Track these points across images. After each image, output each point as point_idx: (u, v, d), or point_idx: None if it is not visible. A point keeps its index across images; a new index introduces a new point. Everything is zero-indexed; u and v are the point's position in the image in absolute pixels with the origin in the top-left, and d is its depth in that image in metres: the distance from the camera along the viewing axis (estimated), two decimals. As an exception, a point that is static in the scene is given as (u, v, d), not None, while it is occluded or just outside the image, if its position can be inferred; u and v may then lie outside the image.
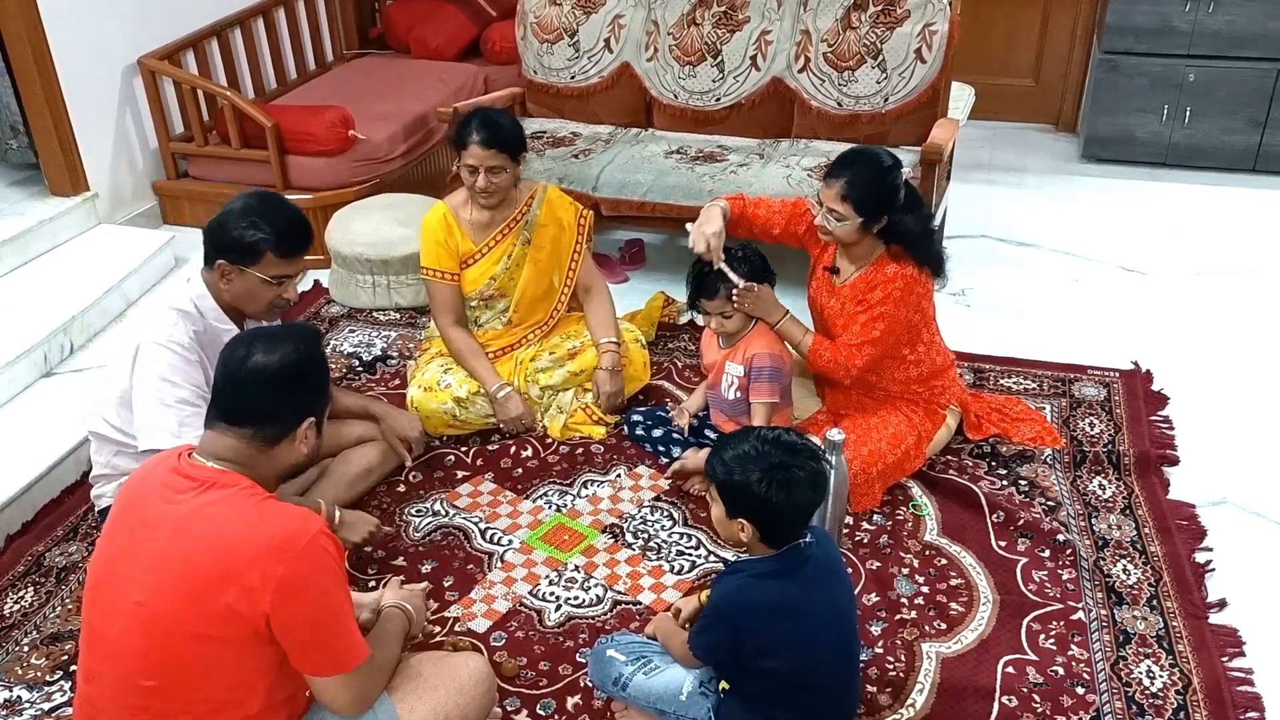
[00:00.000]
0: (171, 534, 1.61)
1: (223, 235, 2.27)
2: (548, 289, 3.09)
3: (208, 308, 2.33)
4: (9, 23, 3.65)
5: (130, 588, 1.62)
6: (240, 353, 1.72)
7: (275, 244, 2.26)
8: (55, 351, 3.30)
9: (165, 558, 1.60)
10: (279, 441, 1.73)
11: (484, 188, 2.86)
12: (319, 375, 1.81)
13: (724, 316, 2.70)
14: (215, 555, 1.59)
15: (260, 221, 2.25)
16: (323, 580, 1.63)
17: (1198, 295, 3.75)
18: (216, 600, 1.57)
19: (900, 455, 2.69)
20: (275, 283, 2.31)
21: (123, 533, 1.68)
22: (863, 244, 2.62)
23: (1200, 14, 4.53)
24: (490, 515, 2.71)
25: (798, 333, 2.69)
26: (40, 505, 2.76)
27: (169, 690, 1.62)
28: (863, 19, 3.71)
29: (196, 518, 1.61)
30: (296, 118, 4.03)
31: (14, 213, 3.82)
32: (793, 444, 1.83)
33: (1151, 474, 2.80)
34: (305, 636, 1.63)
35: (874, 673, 2.21)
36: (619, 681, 2.03)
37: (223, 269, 2.29)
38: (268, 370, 1.70)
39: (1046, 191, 4.64)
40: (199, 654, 1.60)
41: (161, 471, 1.69)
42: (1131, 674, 2.21)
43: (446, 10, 5.12)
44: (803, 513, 1.84)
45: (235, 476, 1.67)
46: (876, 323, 2.58)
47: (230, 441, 1.69)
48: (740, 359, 2.71)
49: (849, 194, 2.50)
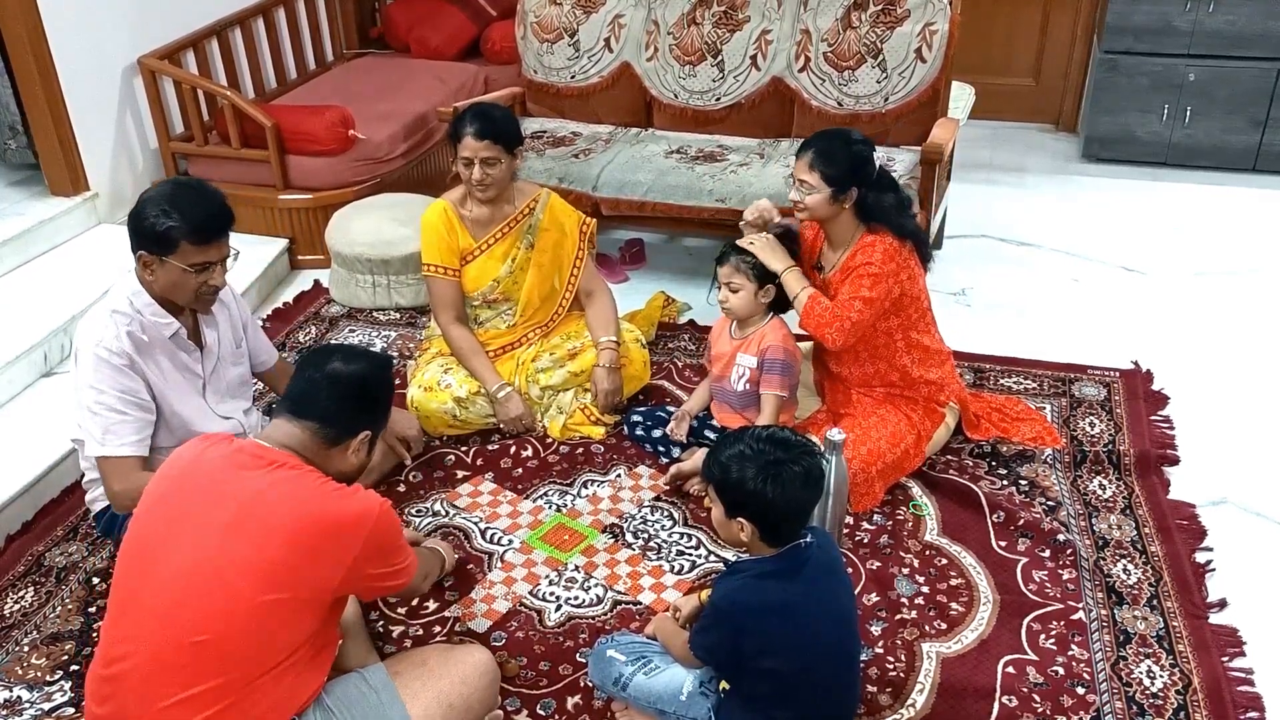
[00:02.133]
0: (245, 505, 1.71)
1: (139, 225, 2.24)
2: (550, 293, 3.09)
3: (143, 304, 2.31)
4: (9, 23, 3.65)
5: (187, 551, 1.70)
6: (323, 356, 1.91)
7: (189, 232, 2.22)
8: (55, 351, 3.30)
9: (235, 525, 1.70)
10: (336, 444, 1.87)
11: (479, 179, 2.86)
12: (384, 396, 1.98)
13: (731, 290, 2.70)
14: (294, 528, 1.70)
15: (171, 210, 2.20)
16: (389, 541, 1.85)
17: (1198, 295, 3.75)
18: (291, 568, 1.69)
19: (900, 454, 2.69)
20: (196, 270, 2.26)
21: (178, 505, 1.76)
22: (841, 224, 2.66)
23: (1200, 14, 4.52)
24: (490, 515, 2.71)
25: (797, 285, 2.65)
26: (40, 505, 2.76)
27: (216, 647, 1.67)
28: (863, 18, 3.71)
29: (272, 491, 1.73)
30: (296, 117, 4.03)
31: (14, 213, 3.82)
32: (786, 440, 1.83)
33: (1152, 474, 2.80)
34: (378, 581, 1.88)
35: (874, 673, 2.21)
36: (619, 681, 2.04)
37: (144, 259, 2.26)
38: (342, 376, 1.87)
39: (1046, 191, 4.64)
40: (256, 614, 1.68)
41: (221, 451, 1.80)
42: (1132, 674, 2.21)
43: (447, 10, 5.12)
44: (800, 509, 1.84)
45: (299, 461, 1.80)
46: (863, 279, 2.59)
47: (295, 431, 1.84)
48: (754, 350, 2.72)
49: (816, 163, 2.58)
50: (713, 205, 3.55)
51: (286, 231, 4.07)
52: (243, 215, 3.99)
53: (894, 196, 2.66)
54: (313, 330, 3.64)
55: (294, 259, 4.10)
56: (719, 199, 3.54)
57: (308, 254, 4.09)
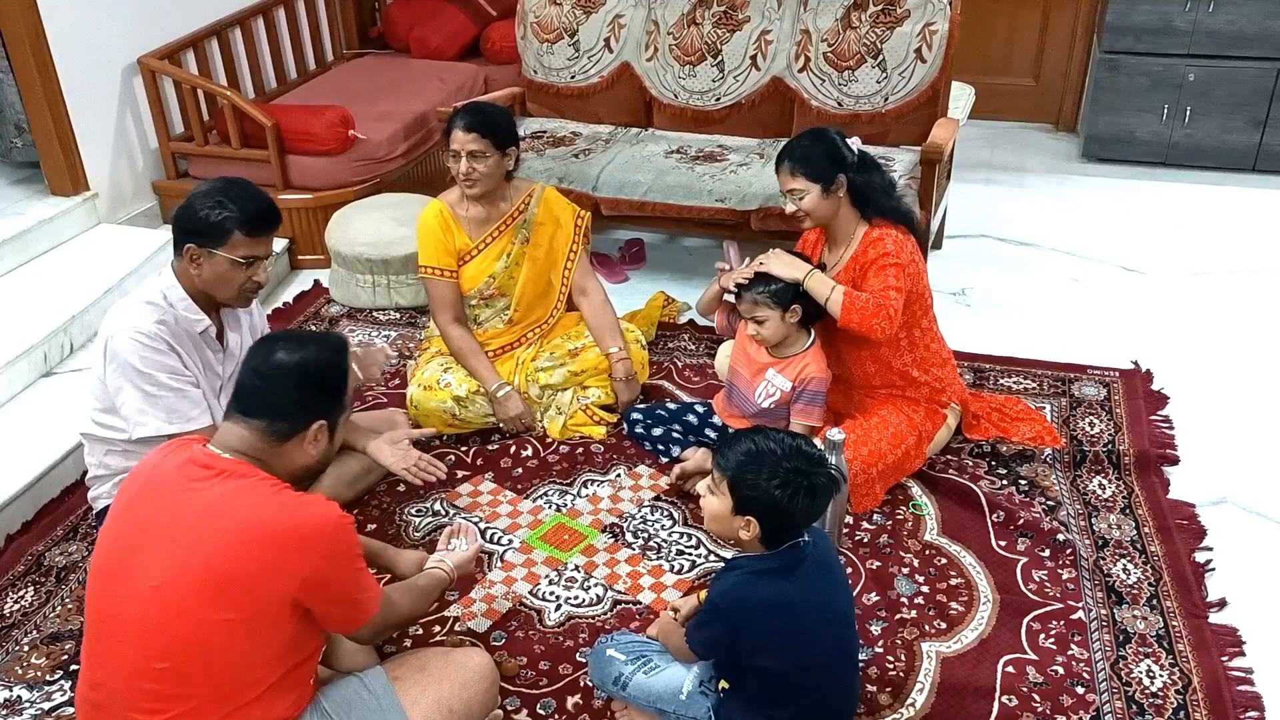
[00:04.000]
0: (194, 520, 1.65)
1: (189, 218, 2.25)
2: (546, 287, 3.09)
3: (176, 298, 2.31)
4: (9, 23, 3.65)
5: (148, 573, 1.64)
6: (266, 348, 1.81)
7: (242, 222, 2.23)
8: (55, 351, 3.30)
9: (188, 543, 1.63)
10: (289, 439, 1.77)
11: (465, 173, 2.85)
12: (336, 381, 1.85)
13: (757, 322, 2.64)
14: (242, 542, 1.63)
15: (226, 201, 2.23)
16: (345, 560, 1.73)
17: (1198, 295, 3.75)
18: (242, 585, 1.62)
19: (901, 455, 2.69)
20: (245, 264, 2.27)
21: (136, 521, 1.70)
22: (840, 220, 2.66)
23: (1200, 13, 4.53)
24: (490, 515, 2.71)
25: (825, 288, 2.58)
26: (40, 505, 2.76)
27: (182, 671, 1.64)
28: (863, 19, 3.71)
29: (221, 505, 1.66)
30: (297, 117, 4.03)
31: (14, 212, 3.82)
32: (809, 453, 1.84)
33: (1151, 473, 2.80)
34: (330, 607, 1.74)
35: (874, 672, 2.21)
36: (619, 681, 2.04)
37: (191, 253, 2.26)
38: (286, 366, 1.78)
39: (1046, 191, 4.64)
40: (216, 636, 1.63)
41: (175, 461, 1.72)
42: (1131, 673, 2.21)
43: (447, 10, 5.12)
44: (811, 519, 1.85)
45: (251, 468, 1.71)
46: (887, 270, 2.57)
47: (244, 433, 1.75)
48: (791, 375, 2.66)
49: (795, 169, 2.61)
50: (712, 205, 3.55)
51: (286, 231, 4.07)
52: (243, 215, 4.05)
53: (880, 176, 2.68)
54: (313, 330, 3.64)
55: (294, 259, 4.10)
56: (719, 199, 3.54)
57: (308, 254, 4.09)
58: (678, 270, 3.99)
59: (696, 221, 3.68)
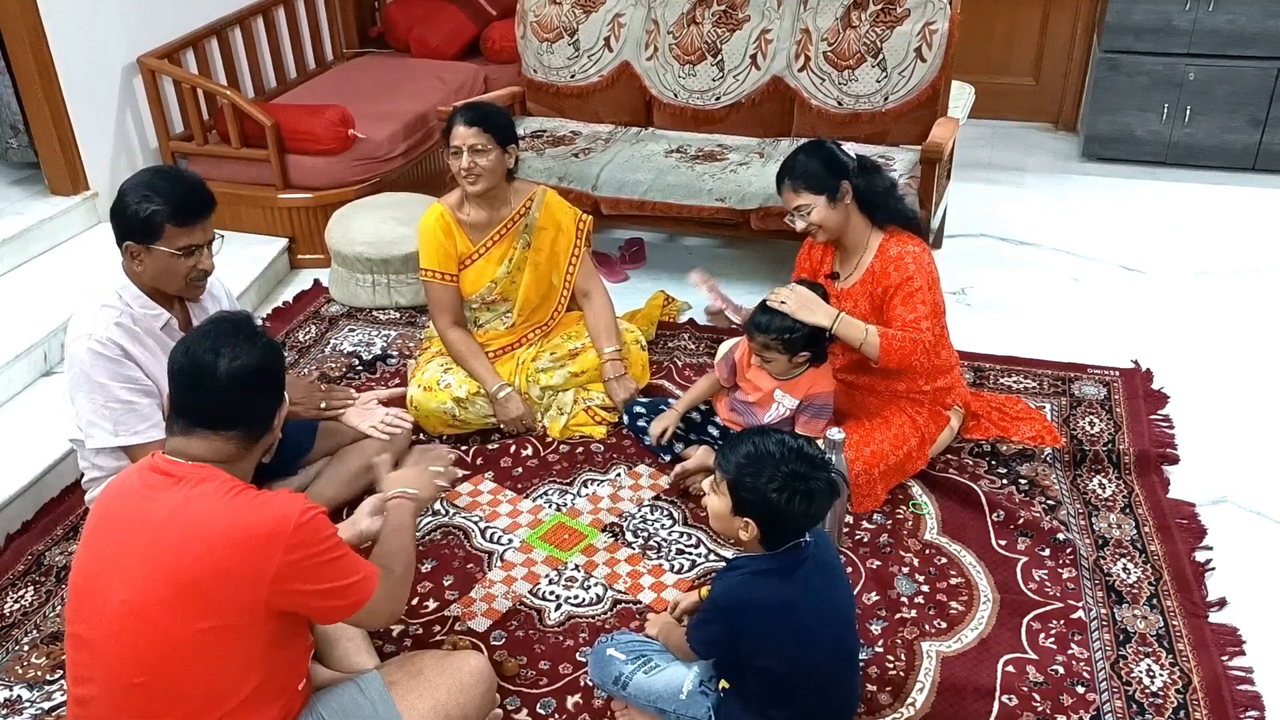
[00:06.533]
0: (156, 531, 1.61)
1: (121, 215, 2.21)
2: (548, 291, 3.09)
3: (131, 296, 2.28)
4: (9, 23, 3.65)
5: (115, 589, 1.62)
6: (206, 360, 1.68)
7: (171, 214, 2.19)
8: (55, 351, 3.30)
9: (151, 555, 1.60)
10: (265, 435, 1.77)
11: (466, 168, 2.85)
12: (281, 360, 1.82)
13: (765, 360, 2.61)
14: (205, 549, 1.59)
15: (152, 195, 2.18)
16: (314, 552, 1.65)
17: (1198, 294, 3.75)
18: (208, 593, 1.59)
19: (903, 456, 2.69)
20: (184, 254, 2.23)
21: (103, 539, 1.68)
22: (852, 229, 2.64)
23: (1201, 13, 4.52)
24: (490, 514, 2.71)
25: (859, 332, 2.54)
26: (40, 505, 2.76)
27: (159, 685, 1.62)
28: (863, 18, 3.71)
29: (181, 514, 1.62)
30: (296, 117, 4.03)
31: (14, 212, 3.82)
32: (812, 456, 1.83)
33: (1151, 473, 2.80)
34: (318, 601, 1.68)
35: (874, 672, 2.21)
36: (619, 680, 2.04)
37: (130, 250, 2.23)
38: (248, 373, 1.70)
39: (1046, 191, 4.64)
40: (189, 646, 1.60)
41: (137, 472, 1.70)
42: (1131, 673, 2.21)
43: (446, 9, 5.12)
44: (811, 524, 1.85)
45: (213, 471, 1.67)
46: (915, 299, 2.56)
47: (211, 444, 1.69)
48: (799, 393, 2.65)
49: (796, 184, 2.59)
50: (712, 204, 3.55)
51: (286, 231, 4.08)
52: (243, 214, 4.06)
53: (881, 178, 2.66)
54: (312, 329, 3.64)
55: (294, 258, 4.10)
56: (719, 198, 3.54)
57: (307, 253, 4.09)
58: (678, 269, 3.98)
59: (696, 221, 3.68)
